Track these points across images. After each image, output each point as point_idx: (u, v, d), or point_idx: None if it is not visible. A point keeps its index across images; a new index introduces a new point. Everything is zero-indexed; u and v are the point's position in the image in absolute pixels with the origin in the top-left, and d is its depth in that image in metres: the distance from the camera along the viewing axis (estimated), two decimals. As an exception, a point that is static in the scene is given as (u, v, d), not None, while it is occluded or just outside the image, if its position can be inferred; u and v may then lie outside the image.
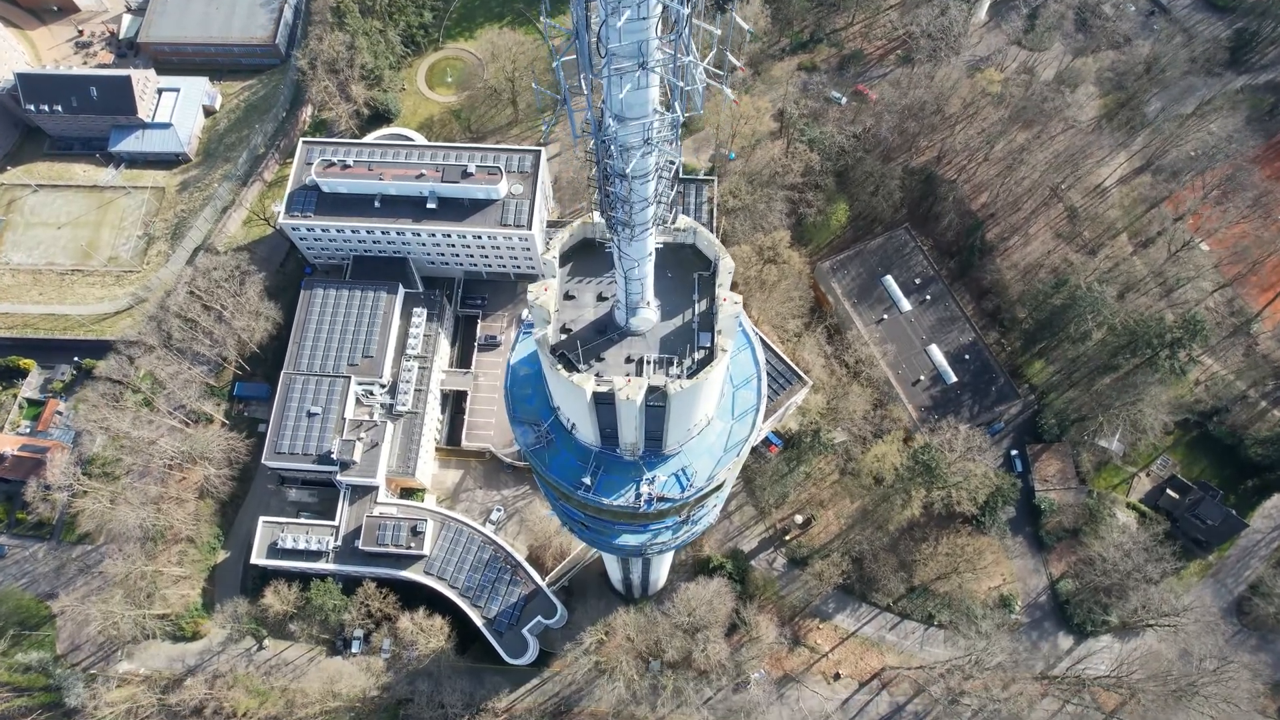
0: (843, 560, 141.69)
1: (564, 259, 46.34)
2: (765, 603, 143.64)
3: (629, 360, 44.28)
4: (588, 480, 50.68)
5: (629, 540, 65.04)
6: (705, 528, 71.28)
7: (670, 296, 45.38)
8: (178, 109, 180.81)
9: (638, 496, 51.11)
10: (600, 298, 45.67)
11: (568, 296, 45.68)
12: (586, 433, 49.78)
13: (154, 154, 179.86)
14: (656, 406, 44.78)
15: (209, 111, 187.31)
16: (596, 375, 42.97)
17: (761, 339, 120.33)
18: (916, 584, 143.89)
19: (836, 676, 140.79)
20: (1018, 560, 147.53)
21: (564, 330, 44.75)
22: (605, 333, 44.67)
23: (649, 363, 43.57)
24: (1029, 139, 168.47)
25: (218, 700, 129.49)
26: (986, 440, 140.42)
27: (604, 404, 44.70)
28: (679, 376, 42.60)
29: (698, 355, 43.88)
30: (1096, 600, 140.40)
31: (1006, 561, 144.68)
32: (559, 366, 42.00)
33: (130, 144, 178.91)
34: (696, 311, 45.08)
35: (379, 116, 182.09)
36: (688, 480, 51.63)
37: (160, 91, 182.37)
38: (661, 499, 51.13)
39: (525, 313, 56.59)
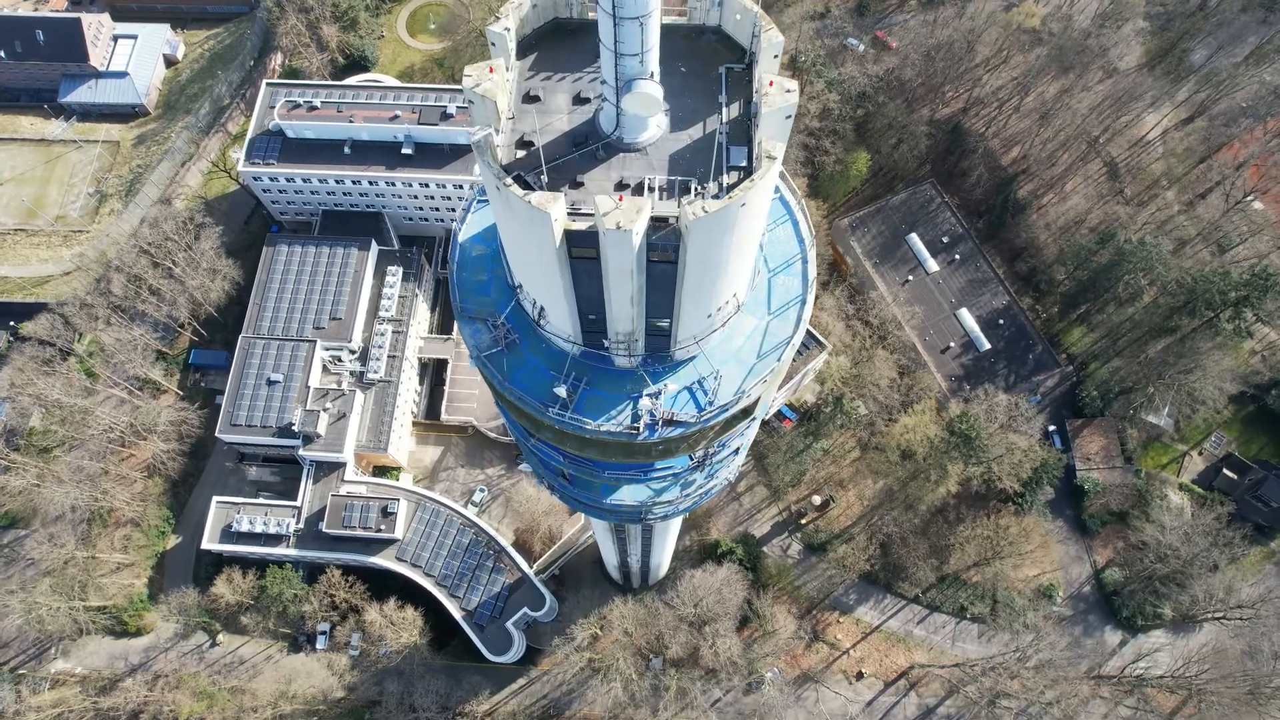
0: (868, 545, 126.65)
1: (525, 48, 30.86)
2: (780, 593, 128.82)
3: (622, 187, 28.85)
4: (563, 392, 35.07)
5: (625, 497, 49.69)
6: (723, 485, 55.87)
7: (683, 100, 29.97)
8: (135, 57, 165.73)
9: (636, 418, 35.62)
10: (579, 99, 30.13)
11: (529, 98, 30.08)
12: (561, 319, 34.18)
13: (108, 105, 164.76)
14: (663, 264, 29.40)
15: (170, 61, 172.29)
16: (571, 204, 27.62)
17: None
18: (948, 572, 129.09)
19: (859, 676, 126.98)
20: (1058, 546, 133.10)
21: (523, 145, 29.20)
22: (585, 144, 29.16)
23: (652, 189, 28.23)
24: (1066, 85, 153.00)
25: (158, 703, 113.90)
26: (1031, 409, 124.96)
27: (584, 260, 29.26)
28: (701, 198, 27.11)
29: (727, 179, 28.42)
30: (1150, 590, 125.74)
31: (1053, 546, 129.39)
32: (509, 184, 26.40)
33: (82, 95, 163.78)
34: (725, 119, 29.65)
35: (355, 65, 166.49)
36: (707, 395, 36.14)
37: (116, 38, 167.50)
38: (670, 421, 35.59)
39: (477, 169, 40.73)
